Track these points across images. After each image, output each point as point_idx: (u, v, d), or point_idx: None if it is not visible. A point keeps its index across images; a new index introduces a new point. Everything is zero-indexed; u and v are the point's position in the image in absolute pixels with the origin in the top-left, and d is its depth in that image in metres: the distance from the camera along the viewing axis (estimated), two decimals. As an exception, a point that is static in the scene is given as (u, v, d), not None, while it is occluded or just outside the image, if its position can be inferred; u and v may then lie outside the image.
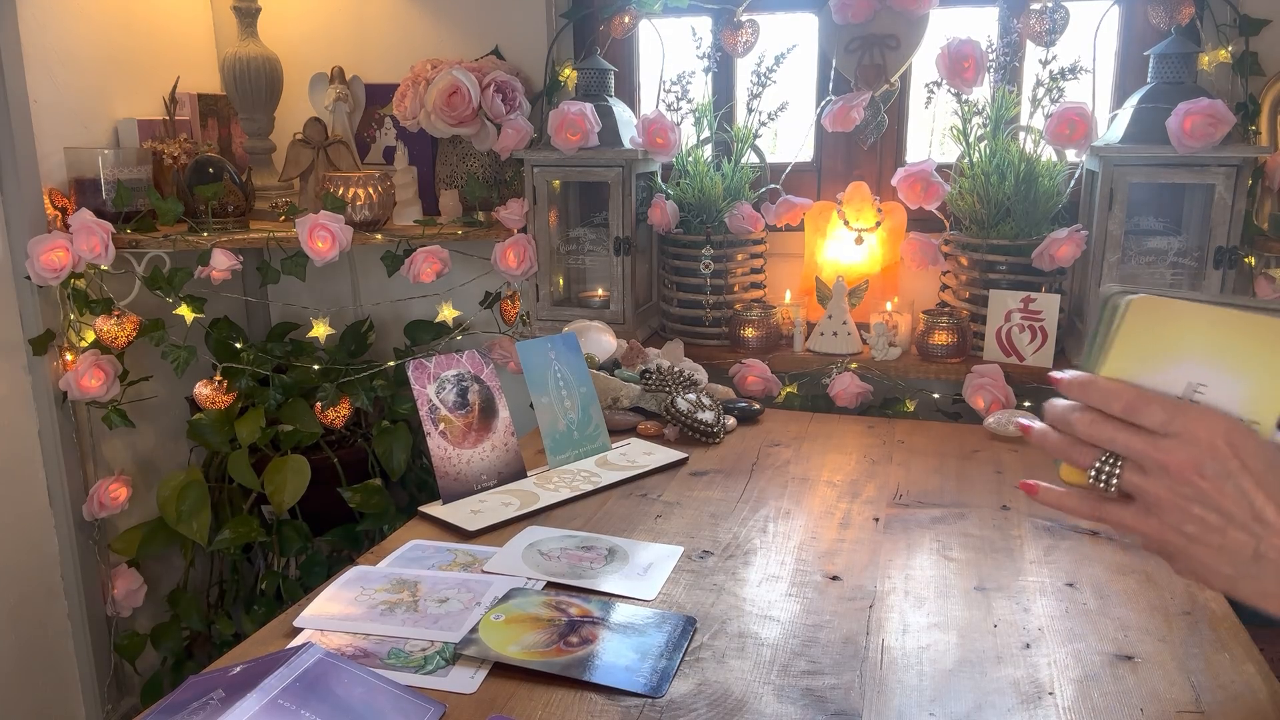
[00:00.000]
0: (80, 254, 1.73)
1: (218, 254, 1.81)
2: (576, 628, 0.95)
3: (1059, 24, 1.71)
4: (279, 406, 1.96)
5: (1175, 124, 1.54)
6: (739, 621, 0.98)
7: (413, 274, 1.88)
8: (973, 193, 1.75)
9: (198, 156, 1.90)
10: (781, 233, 1.97)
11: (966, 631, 0.96)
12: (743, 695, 0.85)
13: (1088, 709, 0.83)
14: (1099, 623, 0.97)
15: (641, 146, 1.81)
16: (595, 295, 1.98)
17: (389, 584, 1.06)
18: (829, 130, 1.85)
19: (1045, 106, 1.70)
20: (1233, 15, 1.70)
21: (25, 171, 1.73)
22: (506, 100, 1.92)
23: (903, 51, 1.83)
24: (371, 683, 0.84)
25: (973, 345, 1.78)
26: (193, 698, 0.79)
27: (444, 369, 1.34)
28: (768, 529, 1.21)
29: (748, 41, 1.90)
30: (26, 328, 1.78)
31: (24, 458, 1.80)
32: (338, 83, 2.08)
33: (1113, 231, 1.63)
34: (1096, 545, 1.15)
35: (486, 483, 1.32)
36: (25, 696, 1.82)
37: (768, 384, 1.80)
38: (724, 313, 1.91)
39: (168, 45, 2.10)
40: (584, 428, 1.46)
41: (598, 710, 0.84)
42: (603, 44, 1.97)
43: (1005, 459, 1.45)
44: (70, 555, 1.86)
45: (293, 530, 1.97)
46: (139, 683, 2.01)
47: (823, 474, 1.39)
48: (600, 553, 1.13)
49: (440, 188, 2.07)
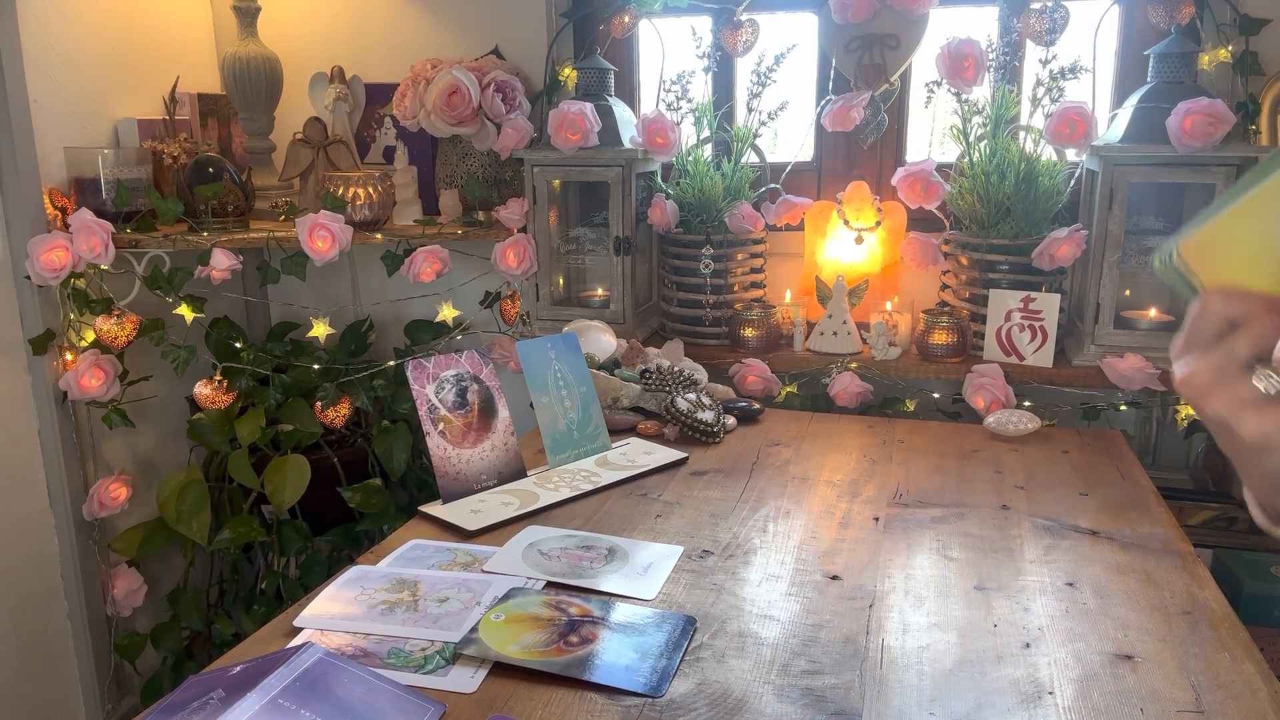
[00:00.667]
0: (80, 254, 1.73)
1: (218, 254, 1.81)
2: (576, 627, 0.95)
3: (1059, 23, 1.71)
4: (279, 406, 1.96)
5: (1175, 123, 1.54)
6: (739, 621, 0.98)
7: (413, 274, 1.88)
8: (973, 192, 1.75)
9: (198, 156, 1.90)
10: (781, 232, 1.97)
11: (966, 631, 0.96)
12: (743, 695, 0.85)
13: (1088, 709, 0.83)
14: (1099, 622, 0.97)
15: (641, 146, 1.81)
16: (595, 295, 1.98)
17: (389, 584, 1.06)
18: (829, 130, 1.85)
19: (1045, 106, 1.70)
20: (1233, 15, 1.70)
21: (25, 171, 1.73)
22: (506, 100, 1.92)
23: (903, 51, 1.83)
24: (371, 682, 0.84)
25: (973, 345, 1.78)
26: (193, 698, 0.79)
27: (443, 369, 1.34)
28: (768, 529, 1.20)
29: (748, 41, 1.90)
30: (26, 328, 1.78)
31: (24, 458, 1.80)
32: (338, 82, 2.08)
33: (1113, 231, 1.63)
34: (1096, 545, 1.15)
35: (486, 482, 1.32)
36: (25, 696, 1.82)
37: (768, 384, 1.80)
38: (724, 312, 1.91)
39: (168, 45, 2.10)
40: (584, 427, 1.46)
41: (598, 710, 0.84)
42: (603, 44, 1.97)
43: (1005, 459, 1.45)
44: (70, 555, 1.86)
45: (293, 530, 1.97)
46: (139, 683, 2.01)
47: (823, 474, 1.39)
48: (600, 552, 1.13)
49: (440, 187, 2.07)
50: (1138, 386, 1.63)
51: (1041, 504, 1.28)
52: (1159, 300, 1.74)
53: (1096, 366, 1.67)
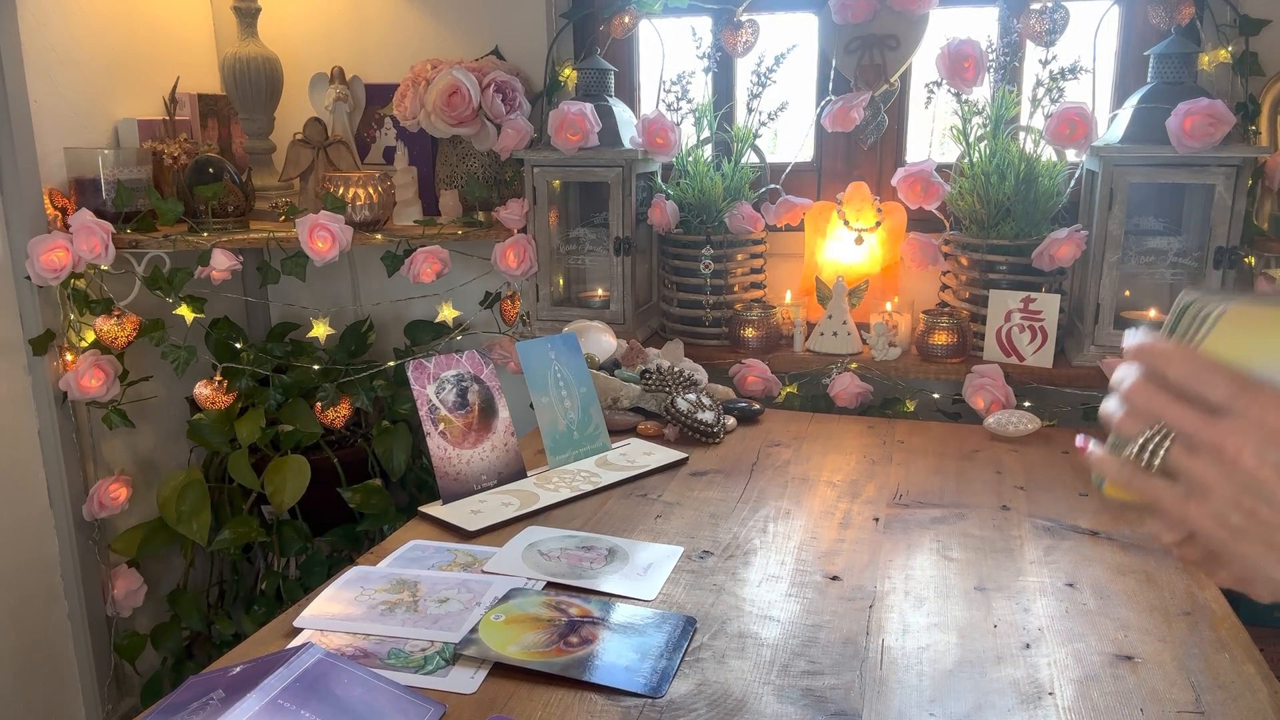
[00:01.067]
0: (80, 254, 1.73)
1: (218, 254, 1.81)
2: (576, 628, 0.95)
3: (1059, 24, 1.71)
4: (279, 406, 1.96)
5: (1175, 124, 1.54)
6: (739, 621, 0.98)
7: (413, 274, 1.88)
8: (973, 193, 1.75)
9: (198, 156, 1.90)
10: (781, 233, 1.97)
11: (966, 631, 0.96)
12: (743, 695, 0.85)
13: (1088, 709, 0.83)
14: (1099, 623, 0.97)
15: (641, 146, 1.81)
16: (595, 295, 1.98)
17: (389, 584, 1.06)
18: (829, 130, 1.85)
19: (1045, 106, 1.70)
20: (1233, 15, 1.70)
21: (25, 171, 1.73)
22: (506, 100, 1.92)
23: (903, 51, 1.83)
24: (371, 683, 0.84)
25: (973, 345, 1.78)
26: (193, 698, 0.79)
27: (444, 369, 1.34)
28: (768, 529, 1.20)
29: (748, 41, 1.90)
30: (26, 328, 1.78)
31: (24, 458, 1.80)
32: (338, 83, 2.08)
33: (1113, 231, 1.63)
34: (1096, 545, 1.15)
35: (486, 483, 1.32)
36: (25, 696, 1.82)
37: (768, 384, 1.80)
38: (724, 313, 1.91)
39: (168, 45, 2.10)
40: (584, 428, 1.46)
41: (598, 710, 0.84)
42: (603, 44, 1.97)
43: (1005, 459, 1.45)
44: (70, 555, 1.86)
45: (293, 530, 1.97)
46: (139, 683, 2.01)
47: (823, 474, 1.39)
48: (600, 553, 1.13)
49: (440, 188, 2.07)
50: (1138, 387, 1.63)
51: (1041, 504, 1.28)
52: (1159, 300, 1.74)
53: (1096, 367, 1.67)
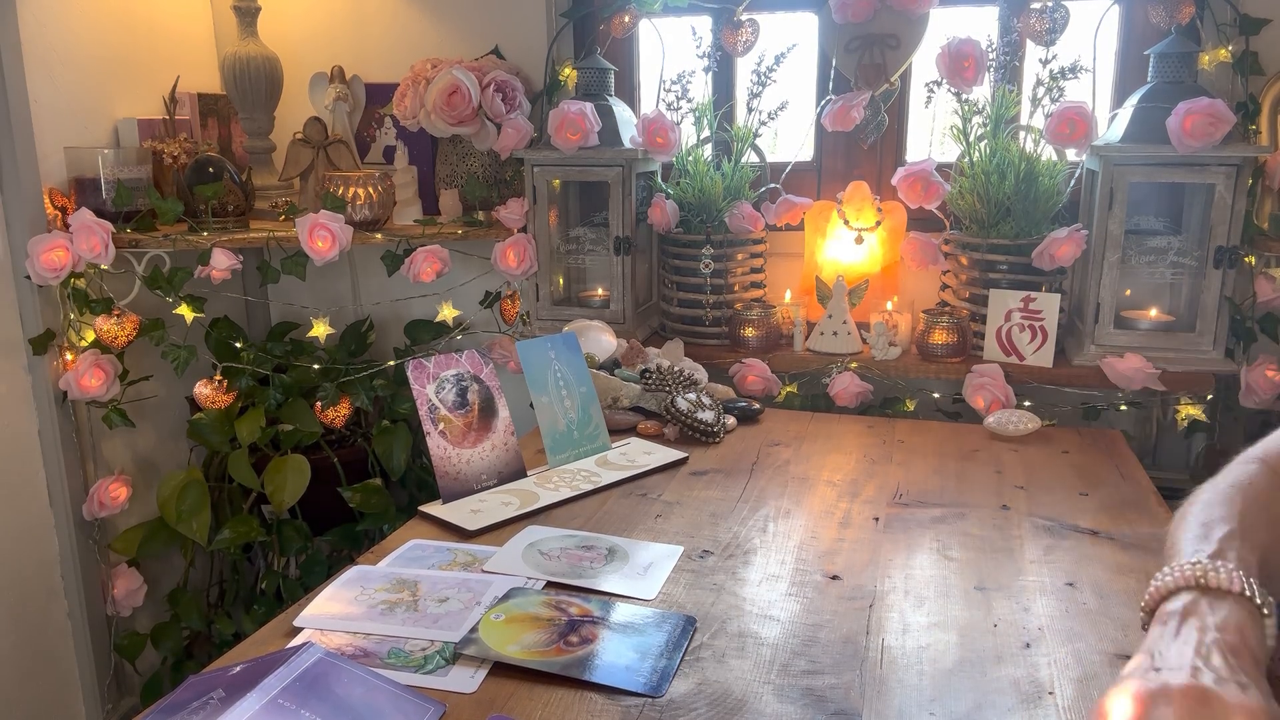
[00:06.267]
0: (80, 254, 1.73)
1: (218, 254, 1.81)
2: (576, 627, 0.95)
3: (1059, 23, 1.71)
4: (279, 406, 1.96)
5: (1175, 123, 1.54)
6: (739, 621, 0.98)
7: (413, 274, 1.88)
8: (973, 192, 1.75)
9: (198, 156, 1.90)
10: (781, 232, 1.97)
11: (966, 631, 0.96)
12: (743, 695, 0.85)
13: (1088, 708, 0.83)
14: (1099, 622, 0.97)
15: (641, 146, 1.81)
16: (595, 295, 1.98)
17: (389, 584, 1.06)
18: (829, 130, 1.85)
19: (1045, 106, 1.70)
20: (1233, 15, 1.70)
21: (25, 171, 1.72)
22: (506, 100, 1.92)
23: (903, 51, 1.83)
24: (371, 682, 0.84)
25: (973, 345, 1.78)
26: (193, 698, 0.79)
27: (443, 369, 1.34)
28: (768, 529, 1.20)
29: (748, 41, 1.90)
30: (26, 327, 1.78)
31: (24, 458, 1.80)
32: (338, 82, 2.08)
33: (1113, 231, 1.63)
34: (1096, 545, 1.15)
35: (486, 482, 1.32)
36: (25, 696, 1.82)
37: (768, 384, 1.80)
38: (724, 312, 1.91)
39: (168, 45, 2.10)
40: (584, 427, 1.46)
41: (598, 710, 0.84)
42: (603, 43, 1.97)
43: (1005, 459, 1.45)
44: (70, 555, 1.86)
45: (293, 530, 1.97)
46: (139, 683, 2.01)
47: (823, 474, 1.39)
48: (600, 552, 1.13)
49: (440, 187, 2.07)
50: (1138, 386, 1.63)
51: (1041, 504, 1.28)
52: (1159, 300, 1.74)
53: (1096, 366, 1.67)
